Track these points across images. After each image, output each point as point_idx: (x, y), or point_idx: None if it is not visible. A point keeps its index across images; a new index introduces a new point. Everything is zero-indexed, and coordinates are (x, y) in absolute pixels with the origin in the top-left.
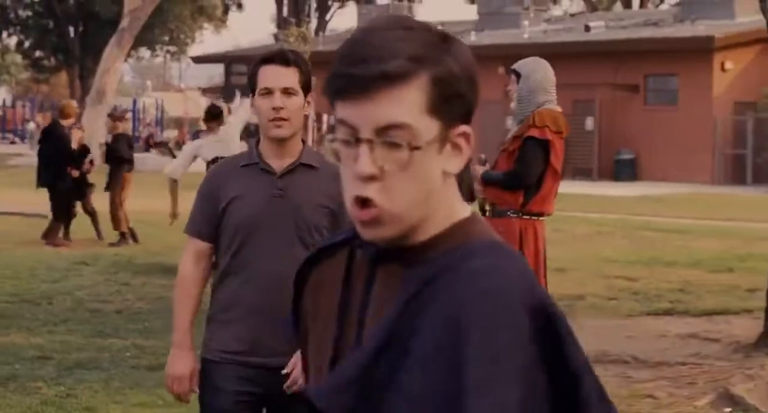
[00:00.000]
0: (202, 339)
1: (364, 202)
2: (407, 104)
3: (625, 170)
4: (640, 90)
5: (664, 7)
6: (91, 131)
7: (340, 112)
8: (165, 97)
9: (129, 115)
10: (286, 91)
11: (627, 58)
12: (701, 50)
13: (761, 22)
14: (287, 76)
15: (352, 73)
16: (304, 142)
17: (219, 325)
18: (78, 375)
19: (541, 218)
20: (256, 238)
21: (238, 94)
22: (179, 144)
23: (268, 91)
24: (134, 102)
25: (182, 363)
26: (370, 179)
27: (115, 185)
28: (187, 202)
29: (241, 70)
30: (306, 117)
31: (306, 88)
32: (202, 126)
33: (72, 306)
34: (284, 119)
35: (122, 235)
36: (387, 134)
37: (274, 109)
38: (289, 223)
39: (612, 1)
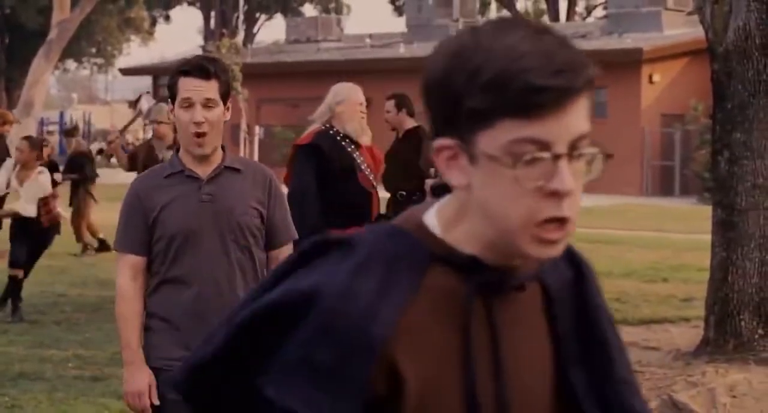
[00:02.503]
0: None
1: (561, 221)
2: (587, 112)
3: None
4: None
5: (591, 19)
6: (18, 143)
7: (525, 130)
8: (92, 110)
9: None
10: (207, 104)
11: None
12: (629, 63)
13: (689, 35)
14: (208, 88)
15: (560, 86)
16: (224, 148)
17: (158, 333)
18: (22, 385)
19: None
20: (192, 244)
21: (144, 99)
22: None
23: (189, 104)
24: (61, 115)
25: (139, 378)
26: (566, 195)
27: (80, 199)
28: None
29: None
30: (237, 129)
31: (225, 98)
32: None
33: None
34: (205, 135)
35: (85, 246)
36: (577, 146)
37: (195, 123)
38: (223, 227)
39: (539, 14)
